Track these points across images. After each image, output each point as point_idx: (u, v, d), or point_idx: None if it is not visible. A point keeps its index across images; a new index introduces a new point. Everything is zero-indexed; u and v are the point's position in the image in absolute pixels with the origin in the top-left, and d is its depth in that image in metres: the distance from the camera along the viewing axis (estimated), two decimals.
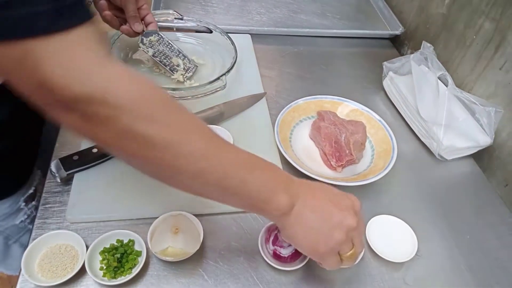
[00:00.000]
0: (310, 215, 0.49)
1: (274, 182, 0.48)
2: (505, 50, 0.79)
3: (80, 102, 0.37)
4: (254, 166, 0.48)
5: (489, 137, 0.79)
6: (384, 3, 1.22)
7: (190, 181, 0.45)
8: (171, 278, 0.57)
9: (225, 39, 0.92)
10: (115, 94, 0.38)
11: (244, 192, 0.47)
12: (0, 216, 0.73)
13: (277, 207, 0.48)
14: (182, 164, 0.42)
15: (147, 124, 0.39)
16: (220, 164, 0.45)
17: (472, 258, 0.66)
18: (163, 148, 0.41)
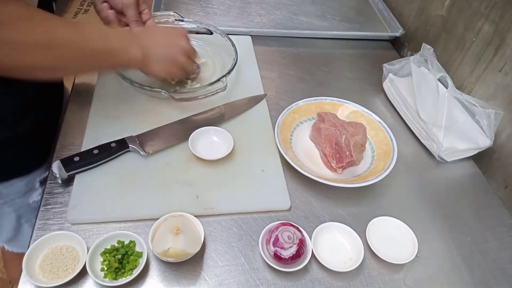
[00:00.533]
0: (158, 54, 0.70)
1: (126, 44, 0.65)
2: (504, 52, 0.79)
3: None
4: (110, 38, 0.64)
5: (489, 139, 0.80)
6: (384, 5, 1.22)
7: (66, 70, 0.61)
8: (172, 279, 0.57)
9: (225, 40, 0.92)
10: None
11: (110, 60, 0.65)
12: (15, 193, 0.76)
13: (136, 60, 0.67)
14: (62, 54, 0.57)
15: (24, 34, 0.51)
16: (86, 43, 0.59)
17: (472, 260, 0.66)
18: (42, 48, 0.54)
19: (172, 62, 0.73)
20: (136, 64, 0.69)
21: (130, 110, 0.79)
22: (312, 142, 0.80)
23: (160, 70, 0.73)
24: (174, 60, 0.73)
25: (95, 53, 0.62)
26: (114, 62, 0.66)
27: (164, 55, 0.72)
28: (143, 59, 0.68)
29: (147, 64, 0.70)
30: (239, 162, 0.73)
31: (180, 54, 0.74)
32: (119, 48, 0.65)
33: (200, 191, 0.67)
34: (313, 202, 0.70)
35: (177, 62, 0.74)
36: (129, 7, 0.78)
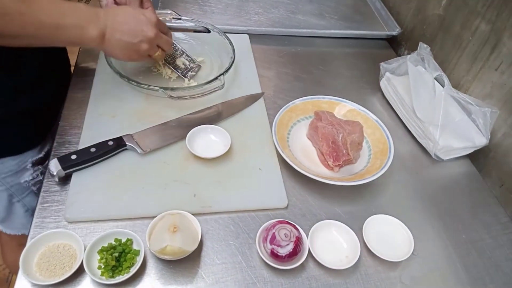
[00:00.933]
0: (119, 39, 0.69)
1: (82, 21, 0.65)
2: (500, 51, 0.80)
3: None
4: (65, 13, 0.63)
5: (485, 138, 0.80)
6: (381, 4, 1.23)
7: (11, 37, 0.59)
8: (169, 277, 0.58)
9: (223, 39, 0.92)
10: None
11: (62, 35, 0.64)
12: (6, 172, 0.78)
13: (91, 39, 0.66)
14: (4, 22, 0.57)
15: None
16: (36, 16, 0.59)
17: (467, 257, 0.67)
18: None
19: (133, 50, 0.72)
20: (93, 43, 0.68)
21: (128, 108, 0.79)
22: (309, 141, 0.81)
23: (120, 54, 0.73)
24: (135, 48, 0.72)
25: (41, 26, 0.61)
26: (66, 38, 0.65)
27: (124, 40, 0.70)
28: (101, 40, 0.68)
29: (106, 46, 0.70)
30: (237, 160, 0.73)
31: (143, 42, 0.72)
32: (72, 24, 0.64)
33: (197, 189, 0.67)
34: (310, 200, 0.70)
35: (138, 49, 0.72)
36: (132, 3, 0.78)
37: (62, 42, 0.69)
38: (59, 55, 0.85)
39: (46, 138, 0.82)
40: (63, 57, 0.89)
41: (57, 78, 0.84)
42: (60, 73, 0.86)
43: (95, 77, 0.84)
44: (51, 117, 0.84)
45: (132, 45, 0.71)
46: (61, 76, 0.86)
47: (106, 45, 0.69)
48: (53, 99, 0.82)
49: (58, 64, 0.85)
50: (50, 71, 0.78)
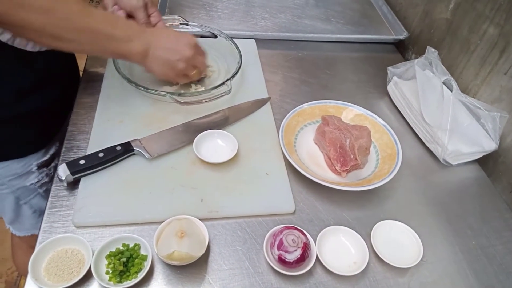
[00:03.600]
0: (159, 55, 0.73)
1: (131, 35, 0.69)
2: (509, 55, 0.79)
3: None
4: (117, 25, 0.68)
5: (494, 142, 0.79)
6: (388, 8, 1.23)
7: (68, 41, 0.63)
8: (176, 283, 0.57)
9: (230, 44, 0.92)
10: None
11: (111, 45, 0.68)
12: (12, 175, 0.79)
13: (136, 53, 0.70)
14: (62, 25, 0.60)
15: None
16: (92, 24, 0.64)
17: (477, 264, 0.66)
18: (44, 12, 0.58)
19: (170, 67, 0.75)
20: (136, 57, 0.71)
21: (135, 114, 0.79)
22: (316, 145, 0.80)
23: (157, 71, 0.76)
24: (173, 65, 0.75)
25: (94, 33, 0.65)
26: (114, 49, 0.69)
27: (164, 57, 0.74)
28: (143, 55, 0.71)
29: (146, 61, 0.73)
30: (244, 165, 0.73)
31: (180, 61, 0.75)
32: (122, 36, 0.68)
33: (204, 194, 0.67)
34: (317, 205, 0.70)
35: (175, 68, 0.75)
36: (138, 10, 0.80)
37: (108, 53, 0.73)
38: (66, 58, 0.86)
39: (51, 141, 0.83)
40: (71, 61, 0.90)
41: (63, 81, 0.85)
42: (67, 76, 0.87)
43: (103, 83, 0.85)
44: (57, 120, 0.85)
45: (170, 62, 0.75)
46: (67, 79, 0.87)
47: (148, 61, 0.73)
48: (58, 102, 0.83)
49: (65, 67, 0.86)
50: (56, 74, 0.79)
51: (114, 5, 0.80)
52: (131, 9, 0.80)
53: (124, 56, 0.71)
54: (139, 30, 0.71)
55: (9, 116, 0.72)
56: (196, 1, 1.16)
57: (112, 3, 0.80)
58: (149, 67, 0.75)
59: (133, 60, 0.72)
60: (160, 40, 0.73)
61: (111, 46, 0.68)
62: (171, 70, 0.76)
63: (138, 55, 0.71)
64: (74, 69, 0.92)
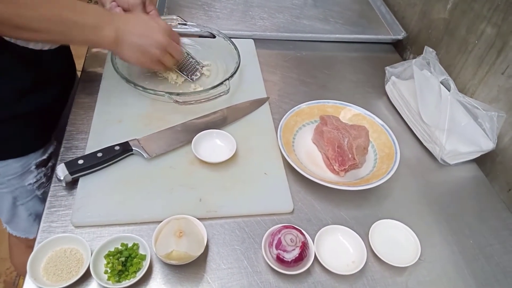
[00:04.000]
0: (131, 41, 0.71)
1: (100, 22, 0.67)
2: (507, 55, 0.80)
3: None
4: (84, 11, 0.66)
5: (492, 142, 0.79)
6: (387, 8, 1.23)
7: (35, 31, 0.61)
8: (175, 282, 0.58)
9: (228, 44, 0.92)
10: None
11: (79, 33, 0.66)
12: (11, 175, 0.79)
13: (106, 40, 0.69)
14: (26, 14, 0.58)
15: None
16: (57, 11, 0.62)
17: (475, 263, 0.66)
18: (8, 2, 0.56)
19: (144, 53, 0.74)
20: (108, 45, 0.70)
21: (134, 113, 0.80)
22: (314, 145, 0.81)
23: (131, 57, 0.74)
24: (146, 51, 0.74)
25: (63, 22, 0.63)
26: (84, 37, 0.67)
27: (137, 44, 0.72)
28: (115, 42, 0.70)
29: (119, 48, 0.72)
30: (242, 165, 0.73)
31: (153, 47, 0.74)
32: (91, 23, 0.67)
33: (203, 194, 0.67)
34: (315, 205, 0.70)
35: (149, 53, 0.74)
36: (135, 7, 0.80)
37: (77, 41, 0.70)
38: (65, 57, 0.86)
39: (49, 140, 0.83)
40: (69, 60, 0.90)
41: (62, 80, 0.85)
42: (65, 75, 0.87)
43: (102, 82, 0.85)
44: (55, 119, 0.85)
45: (143, 48, 0.73)
46: (66, 79, 0.87)
47: (120, 48, 0.71)
48: (57, 101, 0.83)
49: (63, 66, 0.86)
50: (55, 73, 0.79)
51: (112, 1, 0.80)
52: (129, 6, 0.79)
53: (95, 44, 0.71)
54: (109, 17, 0.70)
55: (9, 116, 0.72)
56: (195, 1, 1.16)
57: (110, 0, 0.80)
58: (122, 54, 0.74)
59: (105, 47, 0.72)
60: (132, 25, 0.72)
61: (80, 34, 0.66)
62: (144, 56, 0.74)
63: (109, 42, 0.69)
64: (72, 67, 0.92)
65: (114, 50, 0.73)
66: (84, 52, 0.94)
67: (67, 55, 0.88)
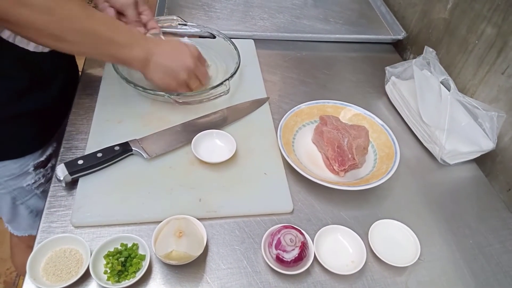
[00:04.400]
0: (160, 63, 0.72)
1: (133, 41, 0.69)
2: (507, 55, 0.79)
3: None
4: (119, 29, 0.67)
5: (492, 142, 0.79)
6: (387, 8, 1.23)
7: (68, 42, 0.62)
8: (174, 282, 0.58)
9: (228, 44, 0.92)
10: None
11: (112, 50, 0.67)
12: (8, 176, 0.79)
13: (137, 60, 0.70)
14: (64, 25, 0.60)
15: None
16: (95, 27, 0.63)
17: (475, 263, 0.66)
18: (46, 12, 0.57)
19: (172, 76, 0.75)
20: (137, 64, 0.71)
21: (134, 114, 0.80)
22: (314, 145, 0.81)
23: (158, 79, 0.75)
24: (174, 74, 0.75)
25: (96, 36, 0.65)
26: (115, 53, 0.68)
27: (165, 66, 0.73)
28: (144, 62, 0.71)
29: (147, 69, 0.73)
30: (242, 165, 0.73)
31: (181, 70, 0.75)
32: (123, 42, 0.68)
33: (202, 194, 0.68)
34: (315, 205, 0.70)
35: (176, 76, 0.75)
36: (127, 7, 0.80)
37: (108, 57, 0.71)
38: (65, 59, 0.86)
39: (48, 142, 0.83)
40: (70, 61, 0.90)
41: (62, 81, 0.85)
42: (65, 76, 0.87)
43: (102, 83, 0.85)
44: (54, 121, 0.85)
45: (172, 71, 0.74)
46: (66, 80, 0.87)
47: (147, 68, 0.72)
48: (57, 102, 0.83)
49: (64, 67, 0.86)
50: (55, 74, 0.79)
51: (105, 1, 0.80)
52: (121, 6, 0.80)
53: (125, 61, 0.71)
54: (141, 38, 0.71)
55: (7, 116, 0.72)
56: (195, 2, 1.16)
57: (102, 0, 0.80)
58: (150, 75, 0.74)
59: (134, 66, 0.72)
60: (163, 49, 0.73)
61: (112, 50, 0.68)
62: (173, 79, 0.75)
63: (139, 61, 0.71)
64: (73, 69, 0.92)
65: (142, 71, 0.73)
66: (121, 64, 0.93)
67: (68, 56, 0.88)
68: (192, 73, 0.77)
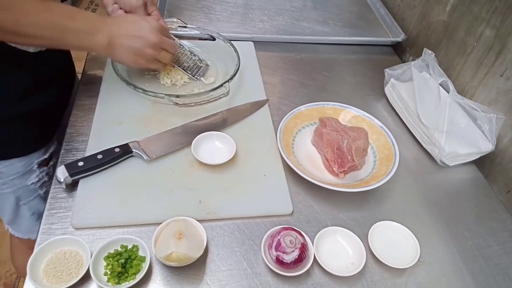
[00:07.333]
0: (123, 44, 0.71)
1: (92, 27, 0.68)
2: (505, 57, 0.80)
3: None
4: (75, 17, 0.66)
5: (491, 143, 0.80)
6: (386, 10, 1.23)
7: (30, 36, 0.63)
8: (174, 284, 0.58)
9: (228, 46, 0.93)
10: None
11: (72, 39, 0.67)
12: (13, 174, 0.80)
13: (99, 45, 0.69)
14: (21, 20, 0.60)
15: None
16: (50, 18, 0.63)
17: (474, 264, 0.66)
18: (2, 9, 0.57)
19: (138, 54, 0.74)
20: (101, 49, 0.71)
21: (134, 115, 0.80)
22: (314, 147, 0.81)
23: (126, 60, 0.75)
24: (140, 51, 0.74)
25: (55, 28, 0.65)
26: (77, 42, 0.68)
27: (130, 46, 0.73)
28: (108, 46, 0.71)
29: (113, 52, 0.72)
30: (242, 167, 0.73)
31: (146, 47, 0.74)
32: (83, 29, 0.67)
33: (202, 196, 0.68)
34: (315, 206, 0.70)
35: (143, 54, 0.74)
36: (137, 9, 0.80)
37: (71, 46, 0.72)
38: (63, 57, 0.87)
39: (51, 140, 0.84)
40: (69, 60, 0.91)
41: (63, 80, 0.86)
42: (65, 75, 0.88)
43: (102, 85, 0.85)
44: (57, 119, 0.86)
45: (136, 50, 0.73)
46: (66, 78, 0.88)
47: (113, 51, 0.72)
48: (59, 101, 0.84)
49: (63, 66, 0.87)
50: (55, 73, 0.80)
51: (114, 4, 0.80)
52: (131, 8, 0.80)
53: (89, 49, 0.72)
54: (101, 22, 0.70)
55: (11, 116, 0.73)
56: (195, 4, 1.17)
57: (112, 2, 0.80)
58: (117, 58, 0.75)
59: (99, 52, 0.72)
60: (123, 28, 0.72)
61: (73, 39, 0.67)
62: (140, 57, 0.75)
63: (102, 47, 0.70)
64: (70, 66, 0.93)
65: (108, 55, 0.74)
66: (85, 55, 0.94)
67: (65, 55, 0.88)
68: (158, 47, 0.76)
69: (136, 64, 0.77)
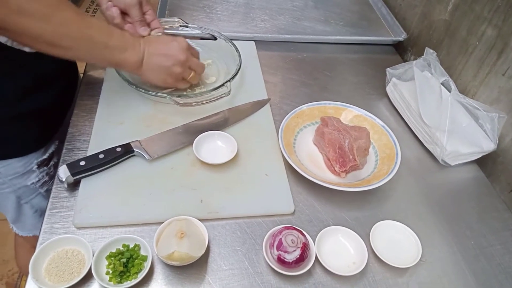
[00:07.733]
0: (153, 63, 0.74)
1: (126, 45, 0.70)
2: (507, 56, 0.80)
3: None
4: (112, 34, 0.68)
5: (493, 143, 0.79)
6: (387, 10, 1.23)
7: (64, 48, 0.63)
8: (176, 283, 0.58)
9: (229, 46, 0.93)
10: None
11: (106, 54, 0.69)
12: (12, 174, 0.80)
13: (131, 63, 0.72)
14: (59, 32, 0.61)
15: (30, 3, 0.56)
16: (88, 32, 0.65)
17: (476, 264, 0.66)
18: (42, 19, 0.58)
19: (166, 73, 0.76)
20: (131, 67, 0.73)
21: (135, 115, 0.80)
22: (315, 146, 0.81)
23: (154, 78, 0.77)
24: (168, 71, 0.76)
25: (91, 41, 0.66)
26: (109, 57, 0.70)
27: (158, 65, 0.75)
28: (138, 64, 0.73)
29: (142, 71, 0.74)
30: (243, 166, 0.74)
31: (174, 65, 0.76)
32: (117, 46, 0.69)
33: (204, 195, 0.68)
34: (316, 206, 0.70)
35: (171, 73, 0.76)
36: (132, 7, 0.80)
37: (103, 61, 0.73)
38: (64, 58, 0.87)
39: (51, 140, 0.84)
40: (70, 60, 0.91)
41: (64, 80, 0.86)
42: (67, 75, 0.88)
43: (104, 85, 0.85)
44: (57, 119, 0.85)
45: (166, 68, 0.76)
46: (67, 79, 0.88)
47: (143, 70, 0.74)
48: (59, 101, 0.84)
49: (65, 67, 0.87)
50: (55, 73, 0.80)
51: (108, 1, 0.80)
52: (125, 6, 0.80)
53: (119, 65, 0.72)
54: (133, 40, 0.72)
55: (11, 115, 0.73)
56: (196, 3, 1.17)
57: (106, 0, 0.80)
58: (146, 76, 0.76)
59: (129, 69, 0.74)
60: (153, 48, 0.74)
61: (106, 54, 0.69)
62: (168, 76, 0.77)
63: (133, 64, 0.72)
64: (73, 68, 0.93)
65: (137, 72, 0.75)
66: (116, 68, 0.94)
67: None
68: (186, 66, 0.78)
69: (165, 83, 0.79)
